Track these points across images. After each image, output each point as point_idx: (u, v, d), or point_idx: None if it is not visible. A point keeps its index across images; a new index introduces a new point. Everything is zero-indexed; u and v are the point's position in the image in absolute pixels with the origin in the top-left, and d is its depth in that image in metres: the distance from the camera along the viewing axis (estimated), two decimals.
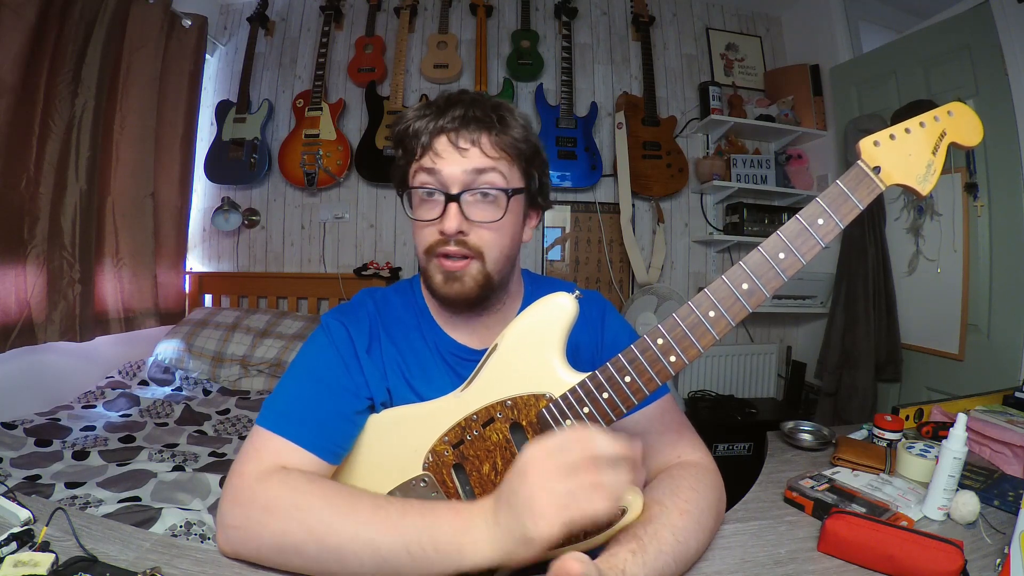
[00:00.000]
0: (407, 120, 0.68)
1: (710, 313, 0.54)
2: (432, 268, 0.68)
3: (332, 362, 0.68)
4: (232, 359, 2.09)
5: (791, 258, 0.53)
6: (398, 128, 0.70)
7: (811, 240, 0.53)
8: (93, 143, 1.84)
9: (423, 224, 0.67)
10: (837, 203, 0.53)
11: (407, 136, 0.68)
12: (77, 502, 1.13)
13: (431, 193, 0.66)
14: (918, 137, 0.54)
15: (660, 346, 0.55)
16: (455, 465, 0.62)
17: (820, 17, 2.53)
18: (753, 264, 0.53)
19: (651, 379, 0.55)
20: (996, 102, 1.75)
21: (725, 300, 0.53)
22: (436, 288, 0.68)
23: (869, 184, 0.53)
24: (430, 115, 0.66)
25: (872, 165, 0.53)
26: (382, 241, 2.59)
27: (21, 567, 0.52)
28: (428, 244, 0.67)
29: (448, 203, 0.65)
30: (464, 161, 0.65)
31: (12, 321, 1.65)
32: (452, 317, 0.74)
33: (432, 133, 0.65)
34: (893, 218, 2.15)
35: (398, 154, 0.71)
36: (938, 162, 0.54)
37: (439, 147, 0.65)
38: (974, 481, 0.90)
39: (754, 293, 0.53)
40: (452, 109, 0.65)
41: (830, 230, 0.53)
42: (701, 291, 0.55)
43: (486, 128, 0.65)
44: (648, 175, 2.49)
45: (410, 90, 2.56)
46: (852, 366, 2.13)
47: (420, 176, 0.67)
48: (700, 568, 0.65)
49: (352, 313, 0.73)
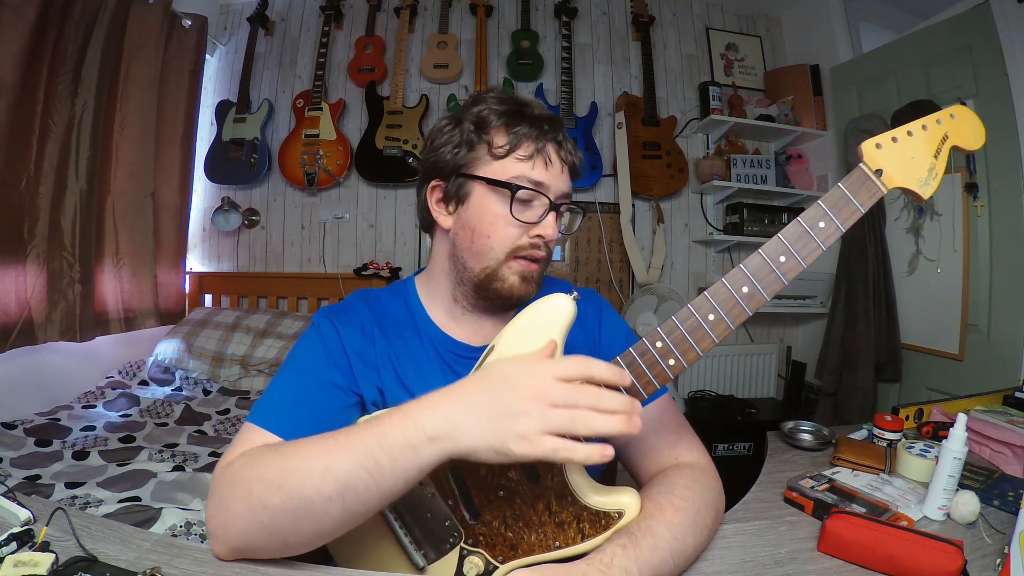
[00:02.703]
0: (504, 112, 0.69)
1: (709, 316, 0.53)
2: (509, 268, 0.69)
3: (319, 358, 0.68)
4: (232, 359, 2.09)
5: (792, 261, 0.53)
6: (487, 112, 0.69)
7: (812, 243, 0.52)
8: (93, 143, 1.84)
9: (516, 224, 0.68)
10: (839, 206, 0.52)
11: (508, 130, 0.68)
12: (77, 502, 1.13)
13: (531, 197, 0.68)
14: (920, 140, 0.54)
15: (659, 349, 0.54)
16: (452, 466, 0.62)
17: (820, 17, 2.53)
18: (754, 267, 0.53)
19: (649, 382, 0.55)
20: (996, 102, 1.75)
21: (725, 303, 0.53)
22: (509, 288, 0.69)
23: (871, 187, 0.53)
24: (533, 119, 0.69)
25: (874, 168, 0.53)
26: (382, 241, 2.59)
27: (21, 567, 0.52)
28: (517, 244, 0.68)
29: (550, 211, 0.68)
30: (565, 177, 0.70)
31: (12, 321, 1.65)
32: (471, 314, 0.74)
33: (544, 140, 0.68)
34: (893, 218, 2.15)
35: (469, 139, 0.69)
36: (940, 165, 0.54)
37: (552, 156, 0.69)
38: (974, 481, 0.90)
39: (754, 296, 0.53)
40: (548, 122, 0.70)
41: (831, 233, 0.52)
42: (701, 294, 0.54)
43: (571, 151, 0.72)
44: (648, 175, 2.49)
45: (410, 90, 2.56)
46: (852, 366, 2.13)
47: (525, 177, 0.67)
48: (700, 568, 0.65)
49: (342, 313, 0.72)
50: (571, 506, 0.58)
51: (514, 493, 0.59)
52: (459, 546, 0.62)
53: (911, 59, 2.03)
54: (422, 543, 0.63)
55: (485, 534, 0.61)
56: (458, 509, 0.61)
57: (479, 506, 0.61)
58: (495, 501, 0.60)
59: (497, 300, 0.71)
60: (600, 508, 0.57)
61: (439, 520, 0.62)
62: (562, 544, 0.58)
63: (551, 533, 0.58)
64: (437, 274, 0.76)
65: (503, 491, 0.60)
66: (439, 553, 0.62)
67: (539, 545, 0.59)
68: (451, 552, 0.62)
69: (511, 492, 0.59)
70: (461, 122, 0.70)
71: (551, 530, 0.58)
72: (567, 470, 0.57)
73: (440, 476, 0.62)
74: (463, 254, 0.71)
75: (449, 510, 0.62)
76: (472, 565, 0.60)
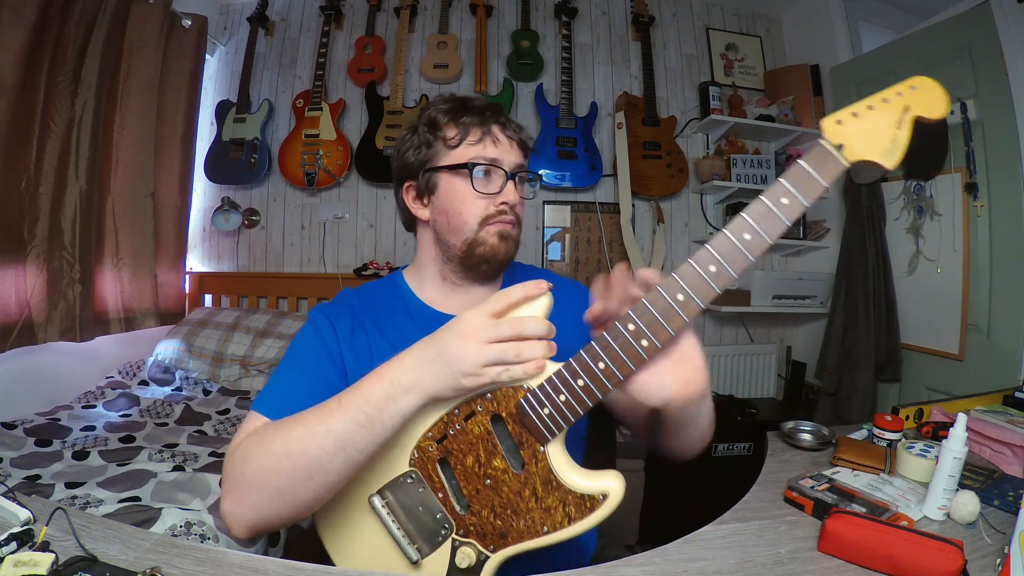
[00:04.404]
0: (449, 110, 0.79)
1: (679, 296, 0.55)
2: (486, 233, 0.77)
3: (315, 350, 0.74)
4: (232, 359, 2.09)
5: (757, 239, 0.53)
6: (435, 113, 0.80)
7: (777, 220, 0.53)
8: (93, 143, 1.84)
9: (481, 196, 0.77)
10: (801, 182, 0.53)
11: (456, 123, 0.78)
12: (77, 502, 1.13)
13: (487, 172, 0.77)
14: (881, 112, 0.54)
15: (631, 332, 0.55)
16: (440, 460, 0.64)
17: (820, 17, 2.53)
18: (719, 246, 0.54)
19: (624, 364, 0.56)
20: (996, 102, 1.75)
21: (693, 283, 0.54)
22: (489, 249, 0.77)
23: (833, 162, 0.53)
24: (475, 109, 0.79)
25: (835, 143, 0.54)
26: (382, 241, 2.59)
27: (21, 567, 0.52)
28: (487, 214, 0.77)
29: (508, 180, 0.78)
30: (515, 151, 0.80)
31: (12, 321, 1.65)
32: (460, 288, 0.82)
33: (488, 123, 0.79)
34: (893, 218, 2.15)
35: (426, 139, 0.80)
36: (903, 136, 0.54)
37: (499, 135, 0.79)
38: (974, 481, 0.90)
39: (721, 275, 0.54)
40: (489, 109, 0.80)
41: (795, 209, 0.53)
42: (670, 275, 0.56)
43: (517, 128, 0.82)
44: (648, 175, 2.49)
45: (410, 90, 2.56)
46: (852, 366, 2.13)
47: (479, 156, 0.77)
48: (700, 568, 0.65)
49: (335, 306, 0.81)
50: (556, 491, 0.59)
51: (501, 482, 0.61)
52: (451, 537, 0.63)
53: (911, 59, 2.03)
54: (415, 537, 0.64)
55: (475, 524, 0.62)
56: (448, 501, 0.63)
57: (468, 497, 0.62)
58: (483, 491, 0.62)
59: (483, 264, 0.79)
60: (585, 492, 0.59)
61: (431, 513, 0.64)
62: (550, 529, 0.60)
63: (539, 519, 0.60)
64: (424, 262, 0.84)
65: (490, 480, 0.61)
66: (432, 546, 0.64)
67: (528, 531, 0.60)
68: (444, 544, 0.63)
69: (498, 481, 0.61)
70: (416, 128, 0.82)
71: (539, 516, 0.60)
72: (549, 454, 0.60)
73: (430, 470, 0.64)
74: (445, 235, 0.79)
75: (440, 503, 0.63)
76: (464, 556, 0.62)
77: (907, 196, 2.09)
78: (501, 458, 0.61)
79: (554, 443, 0.60)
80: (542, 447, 0.60)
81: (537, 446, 0.60)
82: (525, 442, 0.60)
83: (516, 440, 0.61)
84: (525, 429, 0.60)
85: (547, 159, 2.43)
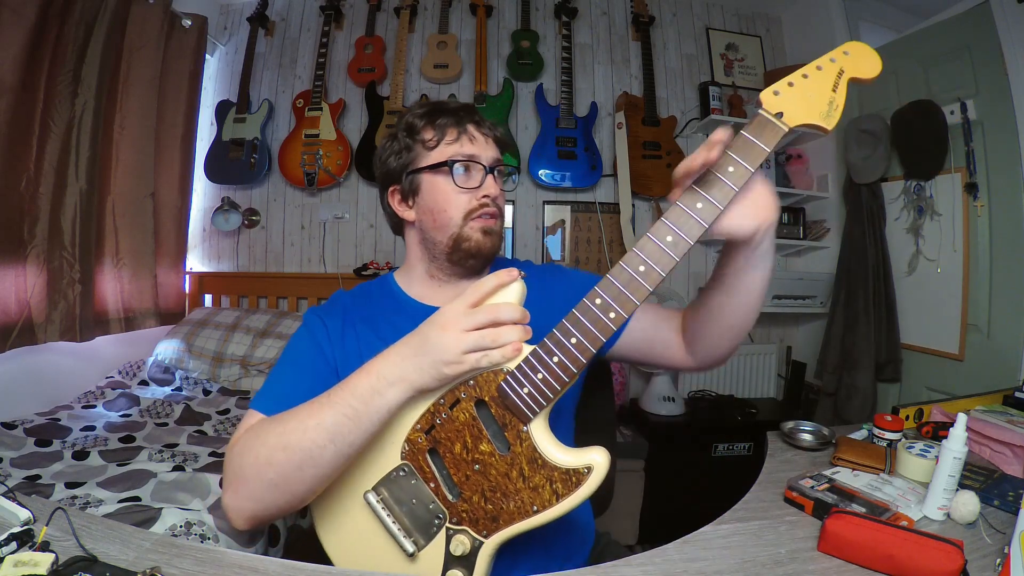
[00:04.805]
0: (425, 114, 0.83)
1: (640, 268, 0.59)
2: (471, 228, 0.80)
3: (308, 347, 0.78)
4: (232, 359, 2.09)
5: (708, 207, 0.58)
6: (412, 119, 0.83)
7: (725, 187, 0.58)
8: (93, 143, 1.84)
9: (463, 191, 0.80)
10: (745, 150, 0.57)
11: (433, 125, 0.81)
12: (77, 502, 1.13)
13: (467, 168, 0.80)
14: (816, 79, 0.58)
15: (599, 305, 0.59)
16: (430, 450, 0.65)
17: (820, 17, 2.53)
18: (674, 218, 0.59)
19: (595, 337, 0.59)
20: (996, 102, 1.75)
21: (653, 254, 0.59)
22: (477, 243, 0.80)
23: (773, 128, 0.57)
24: (450, 111, 0.82)
25: (774, 112, 0.58)
26: (382, 241, 2.59)
27: (21, 567, 0.52)
28: (469, 208, 0.80)
29: (487, 174, 0.81)
30: (492, 146, 0.84)
31: (12, 321, 1.65)
32: (447, 284, 0.85)
33: (464, 122, 0.82)
34: (893, 218, 2.15)
35: (406, 144, 0.83)
36: (839, 98, 0.57)
37: (475, 133, 0.82)
38: (974, 481, 0.90)
39: (679, 244, 0.58)
40: (463, 110, 0.83)
41: (742, 175, 0.57)
42: (630, 251, 0.60)
43: (491, 126, 0.86)
44: (648, 175, 2.49)
45: (410, 90, 2.56)
46: (852, 366, 2.13)
47: (458, 154, 0.80)
48: (700, 568, 0.65)
49: (327, 307, 0.85)
50: (542, 469, 0.61)
51: (488, 465, 0.63)
52: (445, 527, 0.64)
53: (911, 59, 2.03)
54: (411, 530, 0.65)
55: (467, 511, 0.63)
56: (440, 490, 0.64)
57: (459, 484, 0.64)
58: (472, 476, 0.63)
59: (470, 260, 0.82)
60: (570, 467, 0.60)
61: (424, 504, 0.65)
62: (540, 507, 0.61)
63: (527, 498, 0.61)
64: (413, 262, 0.88)
65: (479, 464, 0.63)
66: (428, 537, 0.65)
67: (518, 512, 0.61)
68: (438, 534, 0.65)
69: (485, 465, 0.63)
70: (396, 135, 0.85)
71: (527, 495, 0.61)
72: (533, 433, 0.61)
73: (421, 461, 0.65)
74: (431, 233, 0.83)
75: (432, 492, 0.65)
76: (459, 543, 0.63)
77: (907, 196, 2.09)
78: (487, 442, 0.63)
79: (536, 422, 0.61)
80: (525, 427, 0.61)
81: (520, 426, 0.61)
82: (509, 424, 0.62)
83: (500, 423, 0.62)
84: (508, 411, 0.62)
85: (547, 159, 2.43)
